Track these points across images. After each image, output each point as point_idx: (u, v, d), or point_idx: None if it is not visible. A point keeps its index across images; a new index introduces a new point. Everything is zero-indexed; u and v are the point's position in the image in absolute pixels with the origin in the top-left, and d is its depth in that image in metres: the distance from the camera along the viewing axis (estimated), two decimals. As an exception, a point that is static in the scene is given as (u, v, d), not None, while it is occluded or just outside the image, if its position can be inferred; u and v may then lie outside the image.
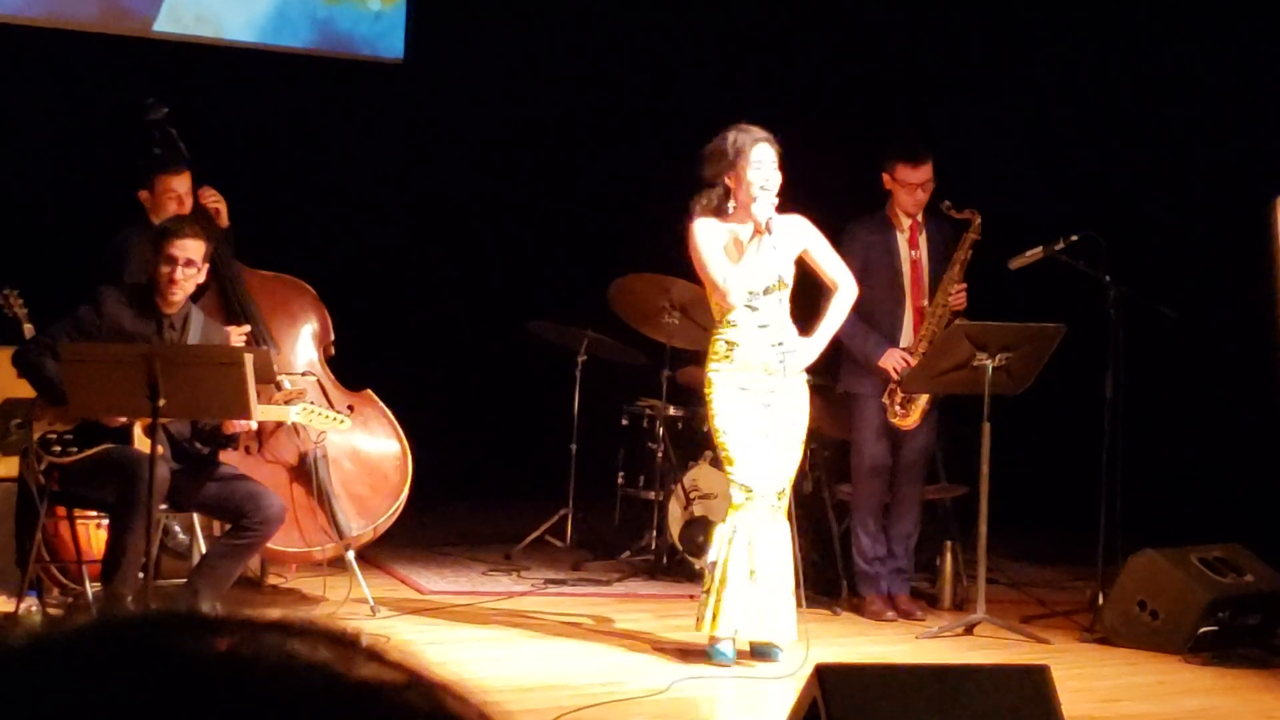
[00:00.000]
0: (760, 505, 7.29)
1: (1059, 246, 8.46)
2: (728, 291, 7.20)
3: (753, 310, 7.27)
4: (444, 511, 10.71)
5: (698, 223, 7.26)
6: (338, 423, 7.51)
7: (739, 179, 7.24)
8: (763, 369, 7.26)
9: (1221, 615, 7.80)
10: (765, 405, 7.27)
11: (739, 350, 7.27)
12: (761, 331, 7.27)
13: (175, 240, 7.15)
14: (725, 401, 7.26)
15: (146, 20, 10.96)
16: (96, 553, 7.44)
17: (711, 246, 7.24)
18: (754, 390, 7.26)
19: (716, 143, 7.29)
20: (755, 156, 7.21)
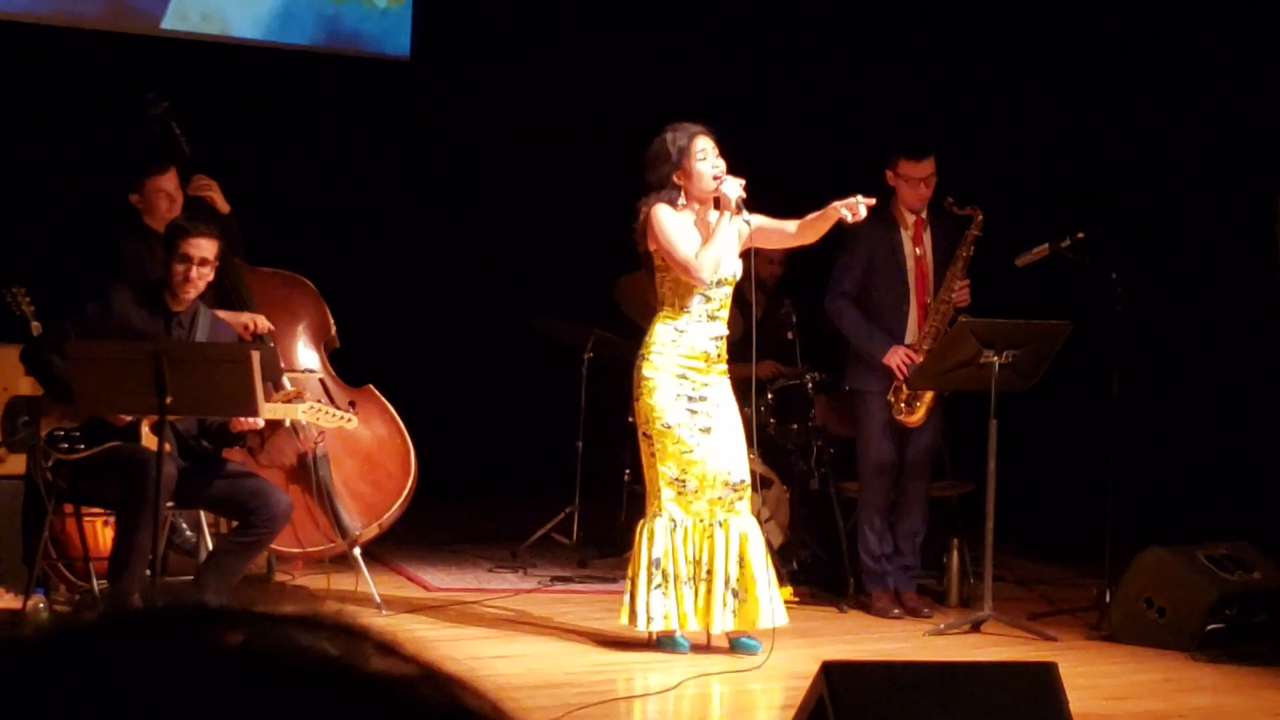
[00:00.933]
0: (698, 497, 7.32)
1: (1065, 244, 8.45)
2: (700, 268, 7.26)
3: (706, 299, 7.37)
4: (450, 508, 10.72)
5: (658, 208, 7.33)
6: (344, 421, 7.51)
7: (689, 173, 7.34)
8: (703, 357, 7.35)
9: (1229, 612, 7.79)
10: (700, 398, 7.34)
11: (685, 337, 7.35)
12: (711, 323, 7.39)
13: (190, 239, 7.16)
14: (665, 393, 7.32)
15: (153, 18, 10.97)
16: (104, 550, 7.45)
17: (676, 228, 7.31)
18: (690, 379, 7.34)
19: (655, 146, 7.40)
20: (699, 148, 7.32)
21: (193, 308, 7.30)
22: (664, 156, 7.35)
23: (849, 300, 8.58)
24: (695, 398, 7.35)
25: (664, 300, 7.43)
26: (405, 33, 11.70)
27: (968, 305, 8.44)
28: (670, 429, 7.32)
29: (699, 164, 7.32)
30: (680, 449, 7.32)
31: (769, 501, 9.22)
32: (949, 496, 9.23)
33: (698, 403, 7.36)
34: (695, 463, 7.33)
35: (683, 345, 7.35)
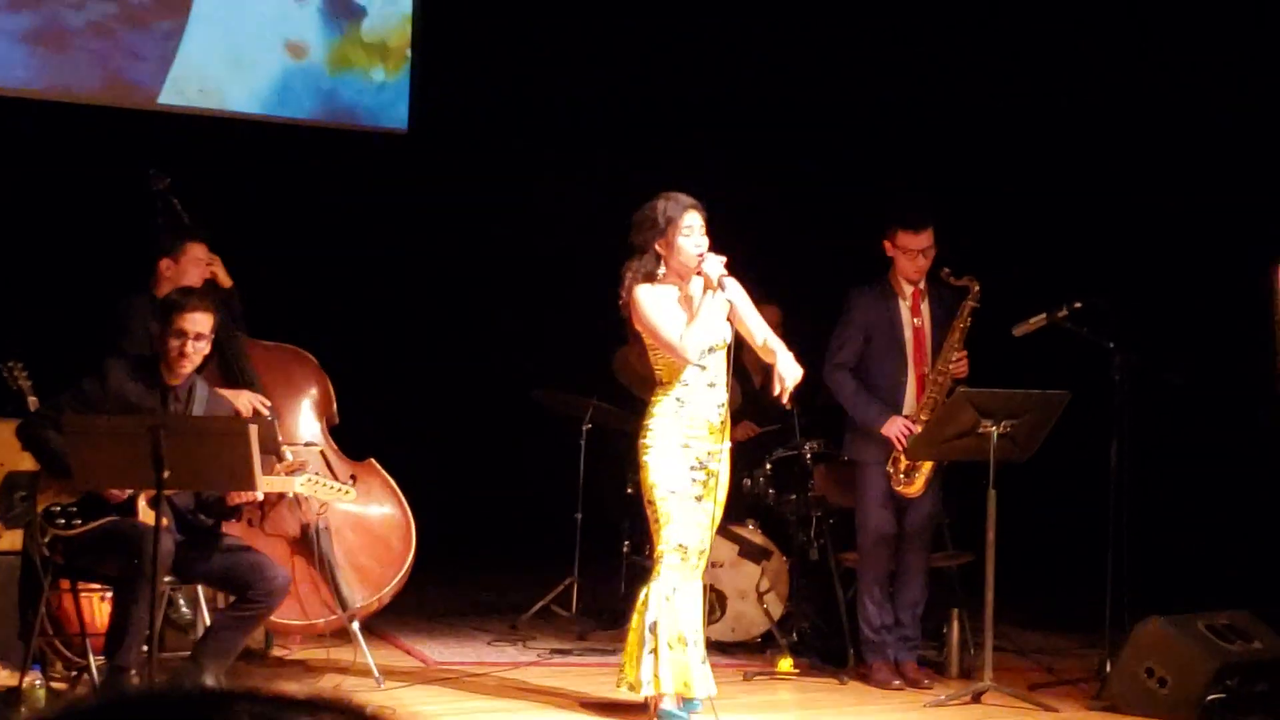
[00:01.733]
0: (689, 564, 7.35)
1: (1062, 313, 8.46)
2: (686, 349, 7.29)
3: (702, 369, 7.38)
4: (449, 581, 10.70)
5: (640, 288, 7.38)
6: (342, 493, 7.49)
7: (671, 246, 7.37)
8: (706, 427, 7.35)
9: (1230, 683, 7.76)
10: (702, 466, 7.36)
11: (687, 409, 7.37)
12: (709, 390, 7.39)
13: (185, 314, 7.16)
14: (664, 459, 7.33)
15: (151, 92, 11.02)
16: (100, 626, 7.42)
17: (661, 308, 7.35)
18: (694, 448, 7.35)
19: (646, 211, 7.44)
20: (686, 223, 7.35)
21: (189, 381, 7.30)
22: (651, 223, 7.39)
23: (847, 370, 8.58)
24: (696, 466, 7.36)
25: (660, 376, 7.45)
26: (403, 105, 11.75)
27: (966, 376, 8.44)
28: (672, 495, 7.33)
29: (683, 239, 7.35)
30: (681, 514, 7.32)
31: (768, 572, 9.20)
32: (948, 567, 9.21)
33: (697, 470, 7.36)
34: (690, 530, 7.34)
35: (684, 416, 7.36)
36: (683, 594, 7.33)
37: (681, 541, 7.33)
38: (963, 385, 8.35)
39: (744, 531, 9.28)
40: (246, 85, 11.36)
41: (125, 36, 11.00)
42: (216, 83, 11.24)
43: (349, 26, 11.62)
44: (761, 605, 9.15)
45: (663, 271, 7.40)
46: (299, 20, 11.46)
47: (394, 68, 11.73)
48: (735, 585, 9.20)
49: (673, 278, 7.41)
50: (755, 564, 9.23)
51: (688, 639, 7.30)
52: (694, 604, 7.39)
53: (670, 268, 7.40)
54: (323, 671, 8.18)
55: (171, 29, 11.06)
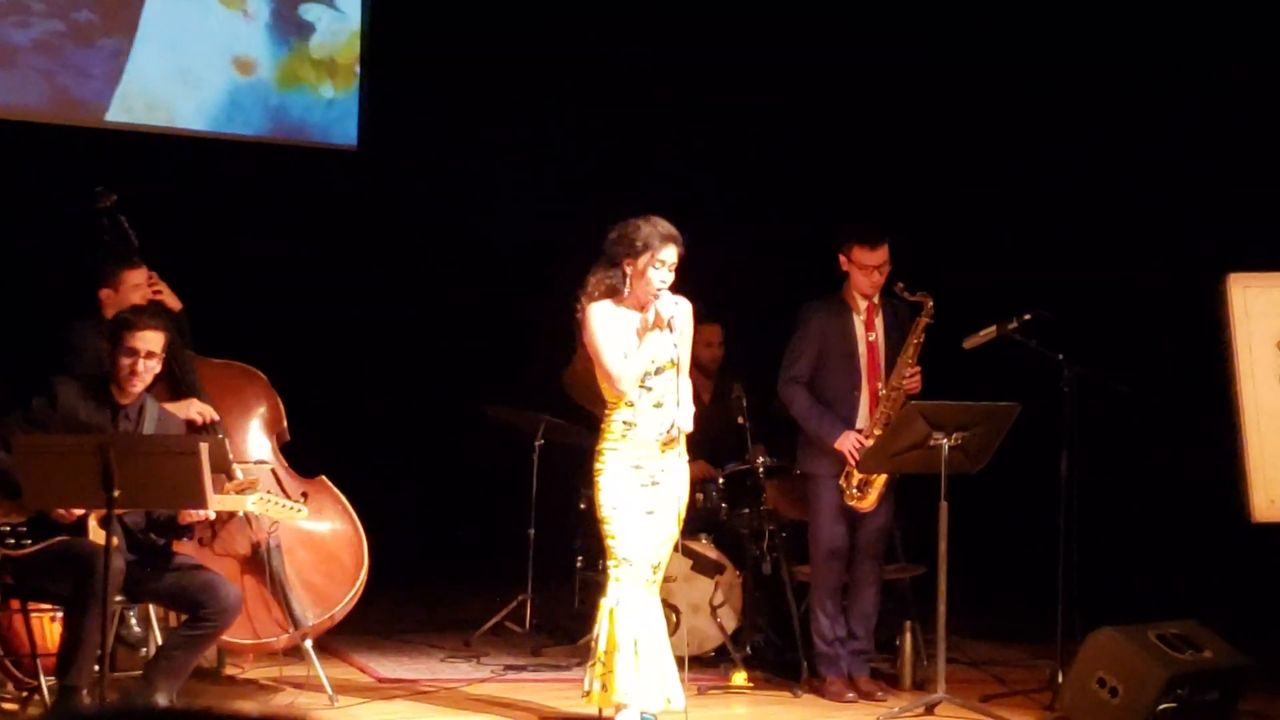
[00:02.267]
0: (636, 578, 7.39)
1: (1012, 325, 8.50)
2: (620, 379, 7.39)
3: (648, 390, 7.45)
4: (402, 598, 10.67)
5: (594, 307, 7.44)
6: (294, 511, 7.48)
7: (639, 272, 7.41)
8: (657, 445, 7.42)
9: (1180, 692, 7.79)
10: (654, 483, 7.43)
11: (635, 431, 7.43)
12: (656, 411, 7.45)
13: (136, 332, 7.14)
14: (615, 480, 7.41)
15: (99, 109, 10.98)
16: (51, 646, 7.38)
17: (608, 334, 7.41)
18: (646, 468, 7.43)
19: (628, 230, 7.45)
20: (661, 256, 7.39)
21: (140, 400, 7.28)
22: (627, 242, 7.41)
23: (800, 385, 8.60)
24: (647, 484, 7.40)
25: (607, 395, 7.50)
26: (352, 122, 11.73)
27: (919, 392, 8.46)
28: (615, 510, 7.40)
29: (652, 270, 7.38)
30: (626, 529, 7.36)
31: (721, 586, 9.21)
32: (901, 579, 9.24)
33: (650, 488, 7.41)
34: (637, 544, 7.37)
35: (633, 439, 7.44)
36: (627, 607, 7.34)
37: (626, 556, 7.38)
38: (916, 400, 8.37)
39: (697, 546, 9.28)
40: (195, 102, 11.33)
41: (73, 54, 10.96)
42: (165, 100, 11.21)
43: (297, 43, 11.60)
44: (715, 619, 9.15)
45: (626, 292, 7.44)
46: (247, 37, 11.44)
47: (343, 84, 11.72)
48: (689, 599, 9.20)
49: (632, 302, 7.45)
50: (708, 578, 9.24)
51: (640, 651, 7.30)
52: (645, 617, 7.39)
53: (633, 290, 7.44)
54: (276, 689, 8.16)
55: (119, 46, 11.02)
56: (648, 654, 7.36)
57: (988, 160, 11.76)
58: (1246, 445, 7.84)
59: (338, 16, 11.72)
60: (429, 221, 12.01)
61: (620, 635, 7.33)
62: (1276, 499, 7.84)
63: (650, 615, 7.45)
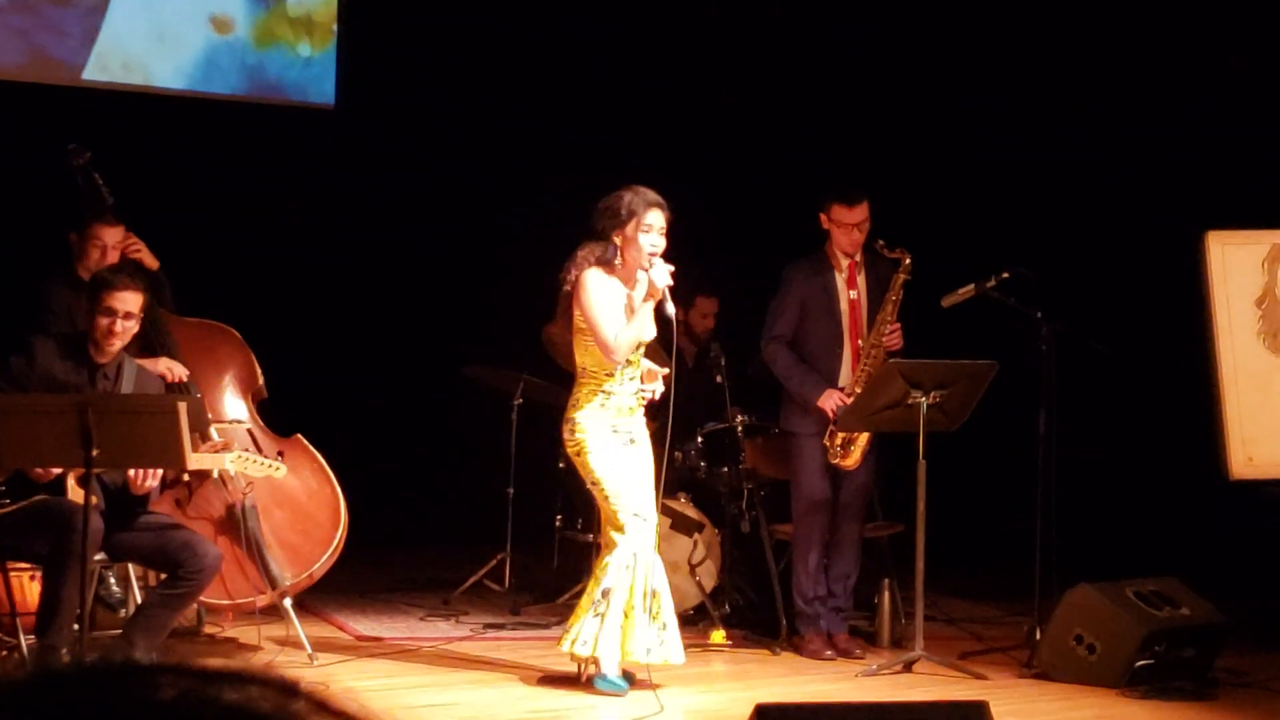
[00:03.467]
0: (650, 531, 7.47)
1: (990, 284, 8.50)
2: (615, 350, 7.42)
3: (631, 364, 7.53)
4: (381, 557, 10.67)
5: (590, 273, 7.47)
6: (273, 469, 7.47)
7: (628, 240, 7.45)
8: (628, 410, 7.53)
9: (1158, 649, 7.83)
10: (632, 442, 7.54)
11: (613, 400, 7.52)
12: (630, 382, 7.55)
13: (115, 292, 7.12)
14: (600, 443, 7.47)
15: (75, 69, 10.93)
16: (31, 605, 7.38)
17: (604, 302, 7.45)
18: (620, 431, 7.52)
19: (612, 200, 7.49)
20: (647, 220, 7.43)
21: (118, 359, 7.26)
22: (613, 213, 7.44)
23: (783, 343, 8.61)
24: (626, 444, 7.49)
25: (587, 365, 7.51)
26: (330, 81, 11.69)
27: (900, 349, 8.47)
28: (615, 469, 7.44)
29: (641, 235, 7.42)
30: (629, 482, 7.42)
31: (700, 545, 9.22)
32: (879, 537, 9.26)
33: (629, 446, 7.48)
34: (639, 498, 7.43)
35: (610, 408, 7.52)
36: (646, 562, 7.38)
37: (636, 510, 7.44)
38: (896, 357, 8.39)
39: (676, 504, 9.30)
40: (171, 61, 11.28)
41: (49, 12, 10.90)
42: (141, 59, 11.16)
43: (274, 1, 11.55)
44: (694, 578, 9.17)
45: (618, 262, 7.48)
46: (224, -5, 11.39)
47: (321, 42, 11.67)
48: (668, 558, 9.17)
49: (624, 273, 7.49)
50: (687, 537, 9.25)
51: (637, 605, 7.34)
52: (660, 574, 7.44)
53: (625, 260, 7.48)
54: (255, 648, 8.16)
55: (95, 5, 10.97)
56: (665, 607, 7.43)
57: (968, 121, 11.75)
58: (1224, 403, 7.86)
59: (315, -25, 11.66)
60: (407, 180, 11.98)
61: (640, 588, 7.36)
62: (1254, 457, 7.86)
63: (661, 571, 7.51)
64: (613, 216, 7.45)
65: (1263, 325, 7.91)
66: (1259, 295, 7.91)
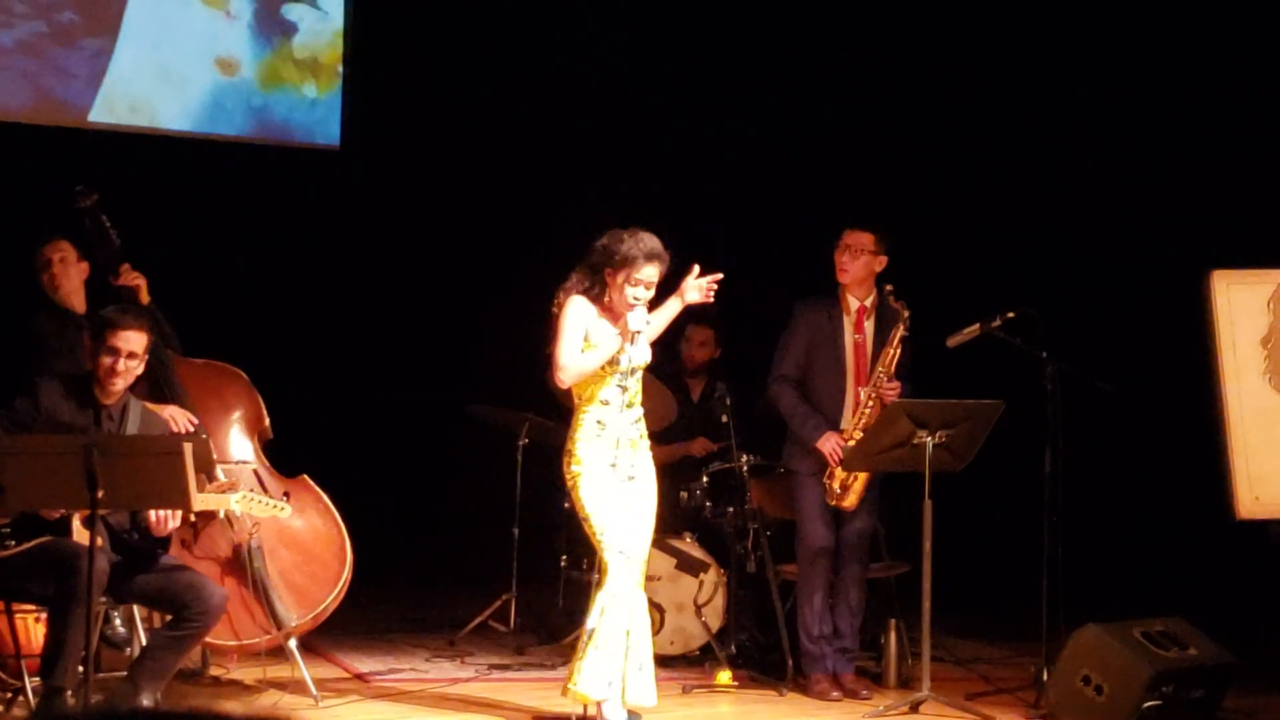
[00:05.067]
0: (633, 569, 7.43)
1: (995, 323, 8.49)
2: (563, 371, 7.47)
3: (623, 390, 7.51)
4: (386, 597, 10.66)
5: (574, 298, 7.52)
6: (278, 510, 7.46)
7: (616, 285, 7.48)
8: (628, 444, 7.49)
9: (1165, 689, 7.80)
10: (629, 479, 7.49)
11: (609, 431, 7.49)
12: (628, 410, 7.53)
13: (119, 332, 7.13)
14: (593, 480, 7.45)
15: (82, 110, 10.96)
16: (35, 647, 7.36)
17: (574, 328, 7.48)
18: (620, 465, 7.47)
19: (611, 241, 7.51)
20: (639, 274, 7.45)
21: (123, 400, 7.27)
22: (610, 253, 7.46)
23: (789, 382, 8.61)
24: (624, 480, 7.48)
25: (578, 391, 7.52)
26: (335, 122, 11.72)
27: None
28: (605, 505, 7.43)
29: (628, 287, 7.44)
30: (616, 521, 7.41)
31: (706, 585, 9.21)
32: (886, 578, 9.24)
33: (625, 483, 7.47)
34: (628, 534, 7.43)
35: (607, 438, 7.48)
36: (624, 600, 7.36)
37: (621, 548, 7.41)
38: (897, 402, 8.36)
39: (681, 544, 9.28)
40: (177, 102, 11.31)
41: (55, 54, 10.94)
42: (147, 100, 11.19)
43: (280, 43, 11.59)
44: (700, 618, 9.15)
45: (606, 300, 7.51)
46: (229, 37, 11.42)
47: (326, 84, 11.70)
48: (673, 598, 9.20)
49: (606, 309, 7.52)
50: (693, 577, 9.23)
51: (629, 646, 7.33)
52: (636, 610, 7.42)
53: (611, 300, 7.51)
54: (260, 690, 8.14)
55: (101, 47, 11.00)
56: (638, 647, 7.39)
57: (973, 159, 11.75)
58: (1231, 443, 7.86)
59: (320, 16, 11.70)
60: (412, 221, 11.99)
61: (617, 626, 7.34)
62: (1261, 496, 7.86)
63: (640, 610, 7.47)
64: (608, 257, 7.46)
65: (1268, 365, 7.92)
66: (1264, 335, 7.92)
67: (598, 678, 7.30)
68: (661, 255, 7.47)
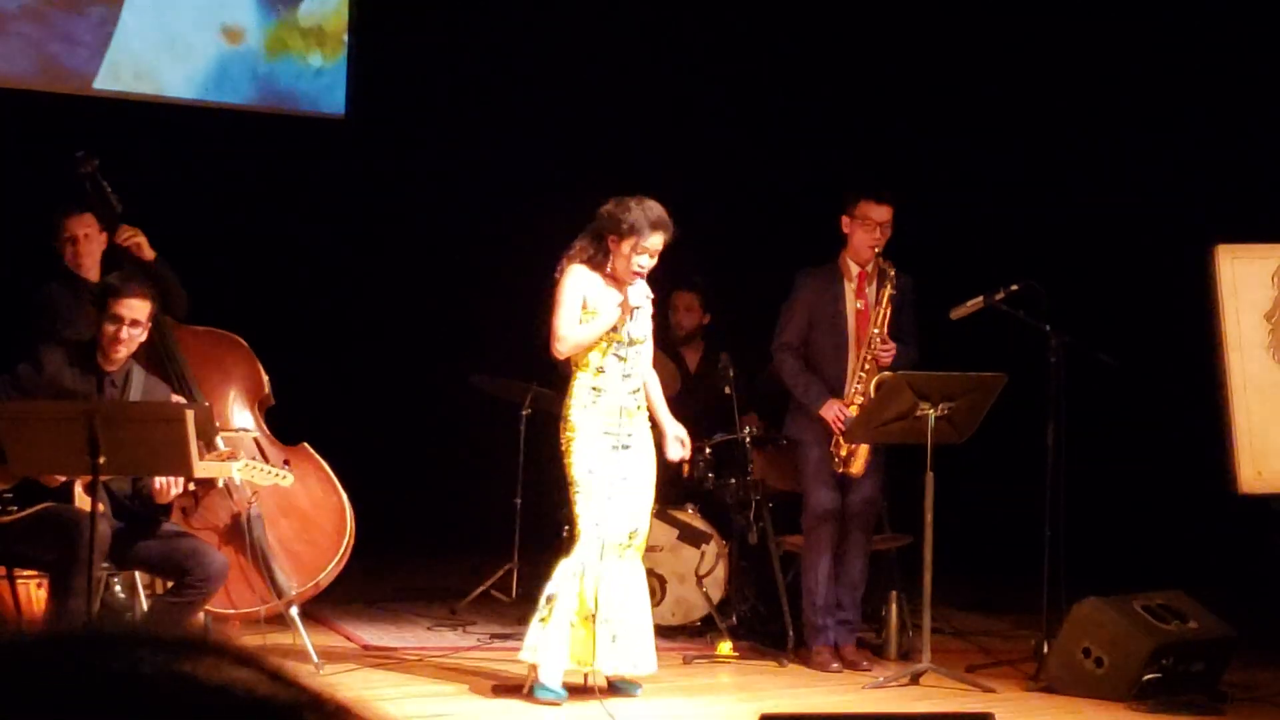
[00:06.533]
0: (608, 546, 7.45)
1: (999, 296, 8.49)
2: (561, 342, 7.52)
3: (620, 360, 7.55)
4: (388, 566, 10.67)
5: (573, 267, 7.56)
6: (279, 478, 7.46)
7: (620, 252, 7.50)
8: (622, 413, 7.53)
9: (1165, 662, 7.81)
10: (624, 447, 7.53)
11: (604, 396, 7.53)
12: (625, 380, 7.58)
13: (122, 299, 7.13)
14: (588, 444, 7.49)
15: (86, 78, 10.95)
16: (37, 612, 7.38)
17: (572, 298, 7.52)
18: (615, 434, 7.51)
19: (618, 209, 7.53)
20: (646, 243, 7.48)
21: (126, 367, 7.27)
22: (616, 221, 7.50)
23: (791, 350, 8.61)
24: (618, 447, 7.48)
25: (575, 358, 7.53)
26: (340, 91, 11.71)
27: (889, 365, 8.44)
28: (592, 474, 7.46)
29: (635, 255, 7.47)
30: (604, 495, 7.41)
31: (708, 556, 9.21)
32: (887, 550, 9.24)
33: (620, 452, 7.49)
34: (612, 510, 7.41)
35: (603, 405, 7.53)
36: (595, 573, 7.39)
37: (599, 521, 7.43)
38: (887, 372, 8.36)
39: (683, 515, 9.29)
40: (183, 70, 11.30)
41: (60, 22, 10.92)
42: (153, 68, 11.18)
43: (285, 11, 11.57)
44: (701, 589, 9.16)
45: (608, 267, 7.54)
46: (235, 5, 11.41)
47: (331, 53, 11.69)
48: (675, 569, 9.21)
49: (612, 281, 7.55)
50: (695, 548, 9.24)
51: (597, 616, 7.34)
52: (619, 584, 7.43)
53: (614, 268, 7.54)
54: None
55: (107, 14, 10.99)
56: (622, 620, 7.40)
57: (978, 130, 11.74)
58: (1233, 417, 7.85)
59: (326, -15, 11.68)
60: (417, 190, 11.99)
61: (603, 601, 7.36)
62: (1263, 471, 7.85)
63: (628, 581, 7.48)
64: (614, 224, 7.49)
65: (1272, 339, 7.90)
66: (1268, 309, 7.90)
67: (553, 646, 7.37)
68: (668, 225, 7.50)
